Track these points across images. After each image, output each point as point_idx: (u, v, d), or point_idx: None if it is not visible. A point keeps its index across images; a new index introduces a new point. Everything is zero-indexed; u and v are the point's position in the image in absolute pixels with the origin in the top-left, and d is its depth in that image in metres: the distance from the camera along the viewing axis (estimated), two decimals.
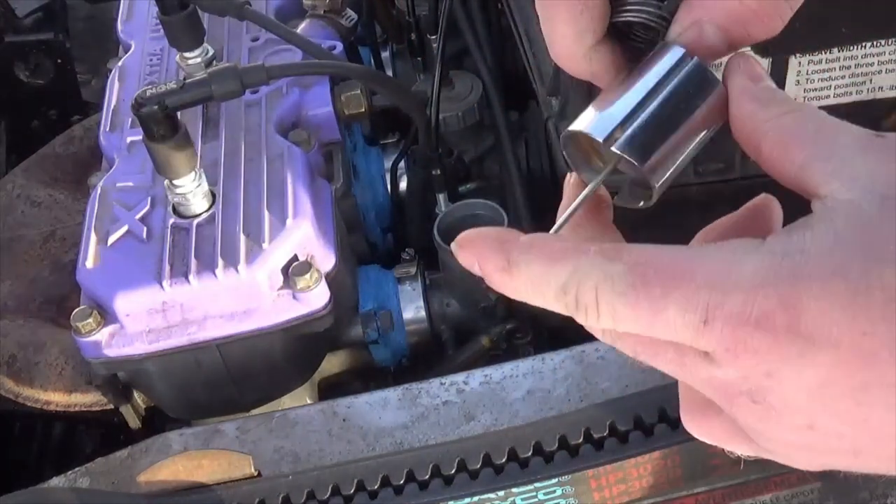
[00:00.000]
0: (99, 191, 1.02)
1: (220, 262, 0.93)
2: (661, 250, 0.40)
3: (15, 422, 1.31)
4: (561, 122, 1.06)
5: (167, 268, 0.93)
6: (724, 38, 0.44)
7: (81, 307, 0.94)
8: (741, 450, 0.44)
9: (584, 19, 0.45)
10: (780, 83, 0.99)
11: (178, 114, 0.92)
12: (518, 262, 0.42)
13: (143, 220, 0.98)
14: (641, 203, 0.47)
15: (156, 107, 0.89)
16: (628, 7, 0.47)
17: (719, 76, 0.47)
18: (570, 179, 0.49)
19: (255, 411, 1.01)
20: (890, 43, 0.96)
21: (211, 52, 1.13)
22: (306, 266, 0.94)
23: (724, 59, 0.47)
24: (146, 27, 1.23)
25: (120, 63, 1.20)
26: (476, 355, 1.09)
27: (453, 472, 0.83)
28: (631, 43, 0.48)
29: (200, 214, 0.97)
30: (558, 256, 0.41)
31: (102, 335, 0.94)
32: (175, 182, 0.95)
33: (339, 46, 1.17)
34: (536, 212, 1.14)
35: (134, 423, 1.08)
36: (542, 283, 0.41)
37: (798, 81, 0.98)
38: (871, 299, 0.36)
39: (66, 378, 1.09)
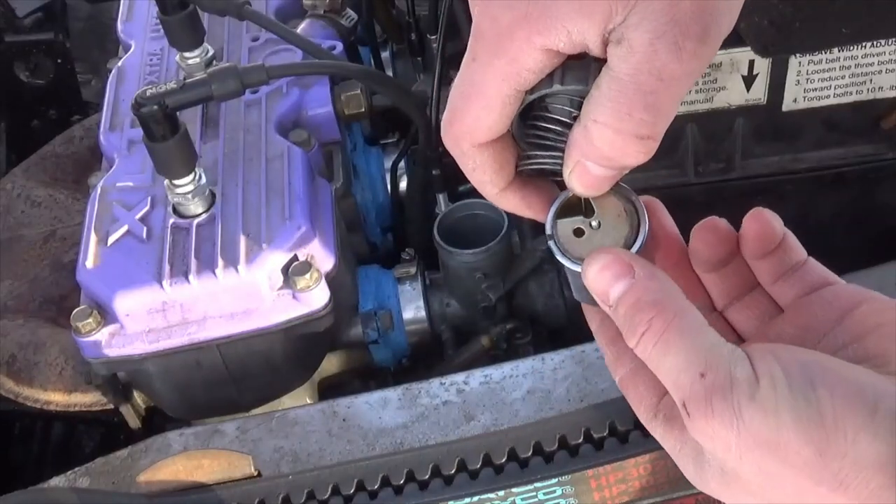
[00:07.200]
0: (99, 191, 1.02)
1: (220, 262, 0.93)
2: None
3: (15, 422, 1.31)
4: None
5: (167, 268, 0.93)
6: (605, 170, 0.51)
7: (81, 307, 0.94)
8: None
9: (479, 173, 0.55)
10: (780, 83, 0.99)
11: (178, 114, 0.92)
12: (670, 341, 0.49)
13: (143, 220, 0.98)
14: None
15: (156, 107, 0.89)
16: (527, 161, 0.55)
17: None
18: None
19: (255, 411, 1.01)
20: (890, 43, 0.96)
21: (211, 52, 1.13)
22: (306, 266, 0.94)
23: None
24: (146, 27, 1.23)
25: (120, 63, 1.20)
26: (476, 355, 1.09)
27: (453, 472, 0.83)
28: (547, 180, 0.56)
29: (200, 214, 0.97)
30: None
31: (102, 335, 0.94)
32: (175, 182, 0.95)
33: (339, 46, 1.17)
34: None
35: (134, 423, 1.08)
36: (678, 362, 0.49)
37: (798, 81, 0.98)
38: None
39: (66, 378, 1.09)
